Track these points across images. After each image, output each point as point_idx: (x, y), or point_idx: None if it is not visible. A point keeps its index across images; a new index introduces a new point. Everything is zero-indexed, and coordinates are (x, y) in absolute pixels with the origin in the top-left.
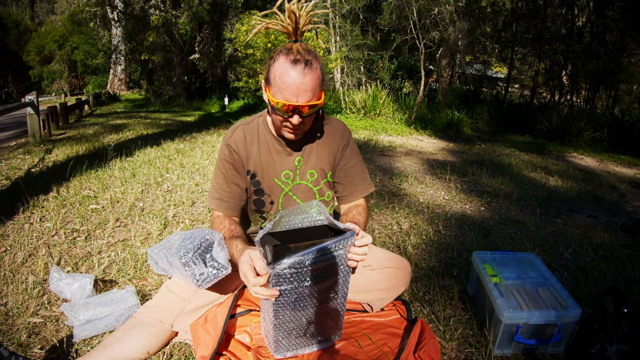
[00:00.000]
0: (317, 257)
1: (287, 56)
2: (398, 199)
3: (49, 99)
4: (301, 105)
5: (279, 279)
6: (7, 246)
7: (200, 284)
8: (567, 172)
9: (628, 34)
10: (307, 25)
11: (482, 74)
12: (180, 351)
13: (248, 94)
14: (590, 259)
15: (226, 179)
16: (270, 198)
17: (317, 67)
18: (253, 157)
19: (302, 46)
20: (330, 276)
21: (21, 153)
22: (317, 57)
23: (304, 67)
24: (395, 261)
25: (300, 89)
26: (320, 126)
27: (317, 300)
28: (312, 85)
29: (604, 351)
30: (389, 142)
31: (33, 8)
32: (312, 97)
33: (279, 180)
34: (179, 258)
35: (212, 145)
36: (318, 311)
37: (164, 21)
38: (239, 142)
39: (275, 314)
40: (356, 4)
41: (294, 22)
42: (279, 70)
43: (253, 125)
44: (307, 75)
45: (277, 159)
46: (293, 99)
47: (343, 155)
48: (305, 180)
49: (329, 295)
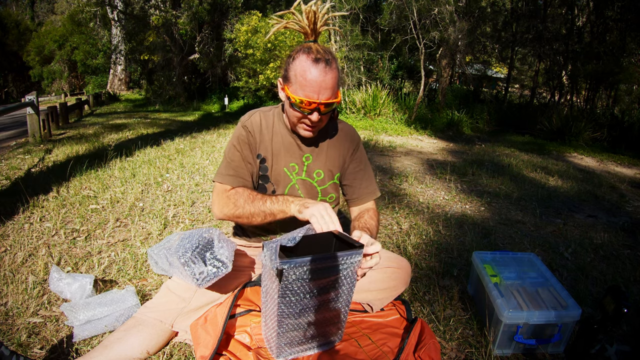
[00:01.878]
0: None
1: (309, 55)
2: (398, 199)
3: (49, 99)
4: (321, 103)
5: (286, 291)
6: (7, 246)
7: (200, 283)
8: (567, 172)
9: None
10: (323, 26)
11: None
12: (180, 351)
13: (248, 94)
14: (590, 259)
15: (243, 157)
16: (273, 187)
17: (336, 67)
18: (265, 142)
19: (320, 46)
20: (336, 287)
21: (21, 153)
22: (335, 58)
23: (325, 65)
24: (396, 261)
25: (322, 86)
26: (333, 127)
27: (321, 309)
28: (332, 84)
29: (604, 351)
30: (389, 142)
31: (33, 8)
32: (331, 95)
33: (287, 170)
34: (178, 258)
35: (212, 145)
36: (321, 318)
37: (164, 21)
38: (255, 126)
39: (279, 323)
40: (356, 4)
41: (312, 23)
42: (301, 68)
43: (269, 114)
44: (328, 74)
45: (286, 150)
46: (314, 96)
47: (353, 159)
48: (311, 178)
49: (334, 305)
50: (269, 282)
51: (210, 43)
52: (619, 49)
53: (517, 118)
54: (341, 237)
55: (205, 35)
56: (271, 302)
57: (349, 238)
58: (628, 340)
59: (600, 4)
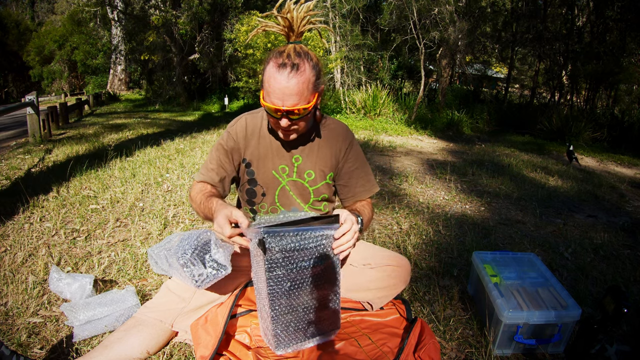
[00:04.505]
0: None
1: (276, 60)
2: (398, 199)
3: (49, 99)
4: (286, 109)
5: (272, 263)
6: (7, 246)
7: (199, 285)
8: (567, 172)
9: (628, 34)
10: (305, 26)
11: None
12: (180, 351)
13: (248, 94)
14: (590, 259)
15: (219, 161)
16: (262, 189)
17: (306, 70)
18: (251, 147)
19: (295, 49)
20: (321, 262)
21: (21, 153)
22: (309, 60)
23: (290, 71)
24: (395, 259)
25: (285, 93)
26: (323, 127)
27: (311, 287)
28: (298, 90)
29: (604, 351)
30: (389, 142)
31: (33, 8)
32: (298, 101)
33: (276, 172)
34: (177, 259)
35: (212, 145)
36: (313, 300)
37: (164, 21)
38: (240, 131)
39: (272, 305)
40: (356, 4)
41: (288, 24)
42: (268, 74)
43: (257, 116)
44: (292, 80)
45: (275, 153)
46: (278, 102)
47: (347, 159)
48: (302, 179)
49: (322, 283)
50: (257, 265)
51: (210, 43)
52: (619, 49)
53: (517, 118)
54: (319, 217)
55: (205, 35)
56: (261, 285)
57: (326, 215)
58: (628, 340)
59: (600, 4)
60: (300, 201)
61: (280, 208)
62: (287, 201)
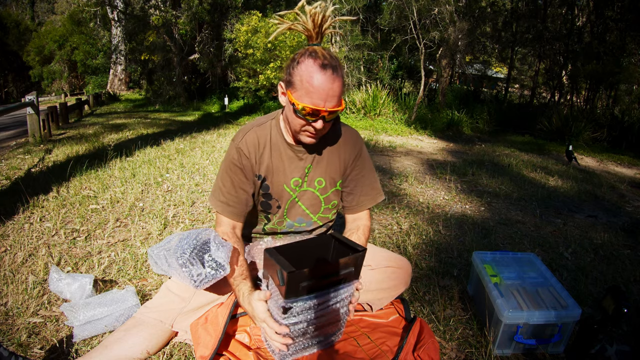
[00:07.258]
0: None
1: (316, 60)
2: (398, 199)
3: (49, 99)
4: (327, 111)
5: (290, 314)
6: (7, 246)
7: (197, 285)
8: (567, 172)
9: (628, 34)
10: (328, 30)
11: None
12: (180, 351)
13: (248, 94)
14: (590, 259)
15: (234, 183)
16: (277, 202)
17: (342, 74)
18: (265, 162)
19: (325, 50)
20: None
21: (21, 153)
22: (341, 64)
23: (332, 72)
24: (396, 260)
25: (329, 94)
26: (334, 132)
27: (322, 325)
28: (339, 91)
29: (604, 351)
30: (389, 142)
31: (33, 8)
32: (337, 103)
33: (288, 187)
34: (176, 259)
35: (212, 145)
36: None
37: (164, 21)
38: (251, 147)
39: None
40: (356, 4)
41: (317, 25)
42: (307, 73)
43: (265, 127)
44: (336, 81)
45: (287, 165)
46: (321, 103)
47: (355, 166)
48: (313, 187)
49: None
50: (273, 303)
51: (210, 43)
52: (619, 49)
53: (517, 118)
54: (340, 240)
55: (205, 35)
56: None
57: (348, 240)
58: (628, 340)
59: (600, 4)
60: (309, 212)
61: (287, 220)
62: (295, 212)
